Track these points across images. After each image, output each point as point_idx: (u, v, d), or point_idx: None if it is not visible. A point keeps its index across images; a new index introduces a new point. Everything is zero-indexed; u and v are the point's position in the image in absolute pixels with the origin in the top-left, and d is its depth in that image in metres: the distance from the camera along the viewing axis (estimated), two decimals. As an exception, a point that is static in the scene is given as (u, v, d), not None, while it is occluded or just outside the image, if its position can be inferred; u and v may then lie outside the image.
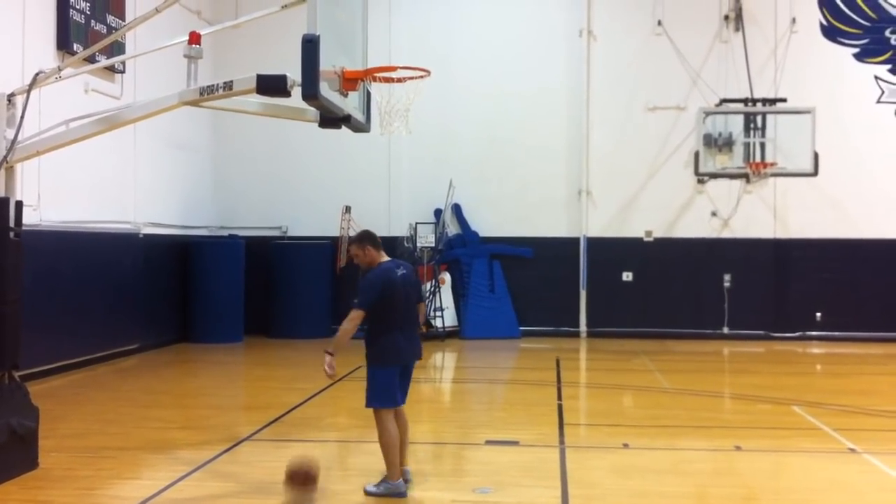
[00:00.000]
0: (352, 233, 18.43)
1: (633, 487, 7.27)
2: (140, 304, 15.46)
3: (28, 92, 7.54)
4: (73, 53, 12.60)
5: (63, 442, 8.56)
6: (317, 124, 7.77)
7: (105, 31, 13.79)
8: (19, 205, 7.58)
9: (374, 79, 7.39)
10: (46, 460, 7.72)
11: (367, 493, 6.87)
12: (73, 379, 12.73)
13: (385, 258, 7.20)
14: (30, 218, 10.42)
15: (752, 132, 17.11)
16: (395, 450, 6.90)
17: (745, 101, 17.28)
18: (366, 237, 7.19)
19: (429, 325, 17.73)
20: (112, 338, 14.59)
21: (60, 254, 12.91)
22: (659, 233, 18.83)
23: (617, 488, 7.23)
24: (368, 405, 6.95)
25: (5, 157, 7.42)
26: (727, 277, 18.51)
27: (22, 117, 7.54)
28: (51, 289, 12.52)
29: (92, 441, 8.80)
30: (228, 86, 7.05)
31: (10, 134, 7.47)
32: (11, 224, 7.45)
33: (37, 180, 12.01)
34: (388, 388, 6.92)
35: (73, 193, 13.44)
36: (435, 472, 7.47)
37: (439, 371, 14.78)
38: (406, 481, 6.99)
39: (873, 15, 18.53)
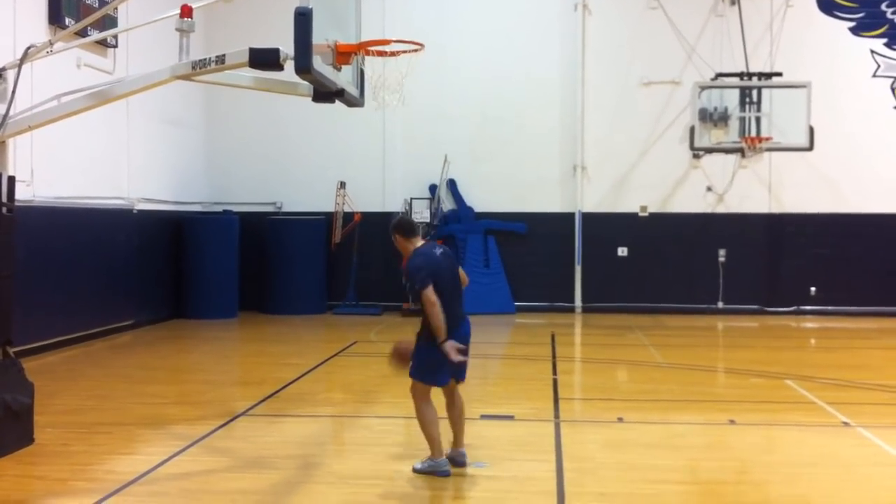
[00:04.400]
0: (346, 208, 18.43)
1: (627, 461, 7.30)
2: (134, 280, 15.45)
3: (19, 66, 7.51)
4: (65, 27, 12.51)
5: (58, 418, 8.58)
6: (310, 99, 7.73)
7: (97, 4, 13.68)
8: (12, 180, 7.55)
9: (368, 52, 7.35)
10: (41, 436, 7.73)
11: (414, 471, 6.86)
12: (68, 355, 12.73)
13: (419, 243, 7.04)
14: (23, 194, 10.40)
15: (747, 107, 17.05)
16: (432, 427, 6.85)
17: (740, 75, 17.22)
18: (394, 226, 7.09)
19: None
20: (106, 314, 14.59)
21: (54, 230, 12.87)
22: (654, 208, 18.83)
23: (611, 462, 7.26)
24: (410, 375, 6.90)
25: (-3, 132, 7.39)
26: (722, 252, 18.54)
27: (13, 92, 7.50)
28: (44, 265, 12.49)
29: (87, 417, 8.81)
30: (221, 59, 7.00)
31: (2, 109, 7.45)
32: (4, 199, 7.42)
33: (30, 156, 11.95)
34: (431, 366, 6.81)
35: (66, 169, 13.39)
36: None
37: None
38: (461, 464, 6.95)
39: (869, -12, 18.46)
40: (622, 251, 18.85)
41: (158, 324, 16.28)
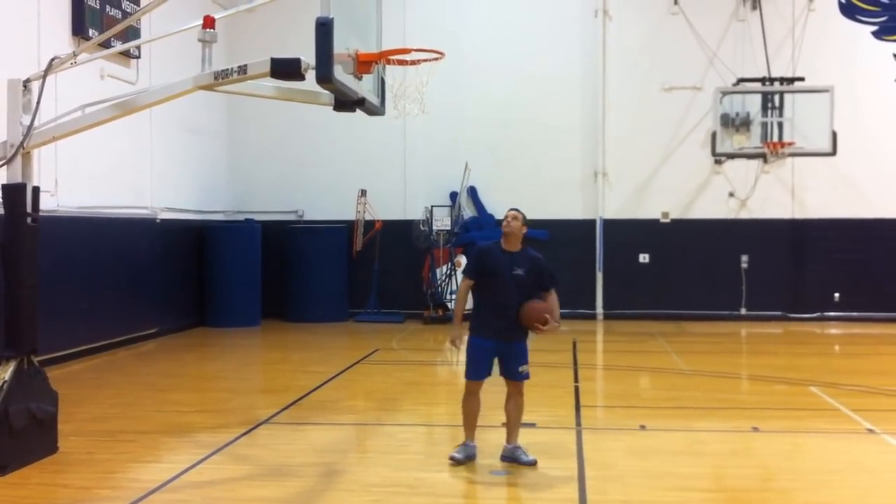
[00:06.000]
0: (367, 216, 18.48)
1: (650, 468, 7.27)
2: (158, 289, 15.54)
3: (44, 78, 7.56)
4: (89, 39, 12.61)
5: (82, 426, 8.63)
6: (331, 108, 7.77)
7: (120, 16, 13.80)
8: (36, 190, 7.62)
9: (389, 61, 7.37)
10: (66, 444, 7.78)
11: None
12: (92, 363, 12.82)
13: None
14: (47, 204, 10.48)
15: (769, 112, 17.00)
16: (463, 416, 7.41)
17: (762, 80, 17.15)
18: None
19: (445, 307, 17.76)
20: (130, 322, 14.67)
21: (78, 239, 12.97)
22: (676, 214, 18.76)
23: (633, 469, 7.23)
24: None
25: (22, 142, 7.45)
26: (744, 258, 18.45)
27: (38, 103, 7.56)
28: (69, 274, 12.58)
29: (111, 425, 8.86)
30: (243, 70, 7.05)
31: (27, 120, 7.50)
32: (29, 210, 7.48)
33: (54, 166, 12.06)
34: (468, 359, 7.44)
35: (89, 179, 13.50)
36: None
37: (455, 353, 14.75)
38: (509, 459, 7.30)
39: (892, -8, 18.35)
40: (644, 257, 18.79)
41: (182, 332, 16.36)
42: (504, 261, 7.34)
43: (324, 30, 6.48)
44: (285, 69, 6.87)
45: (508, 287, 7.22)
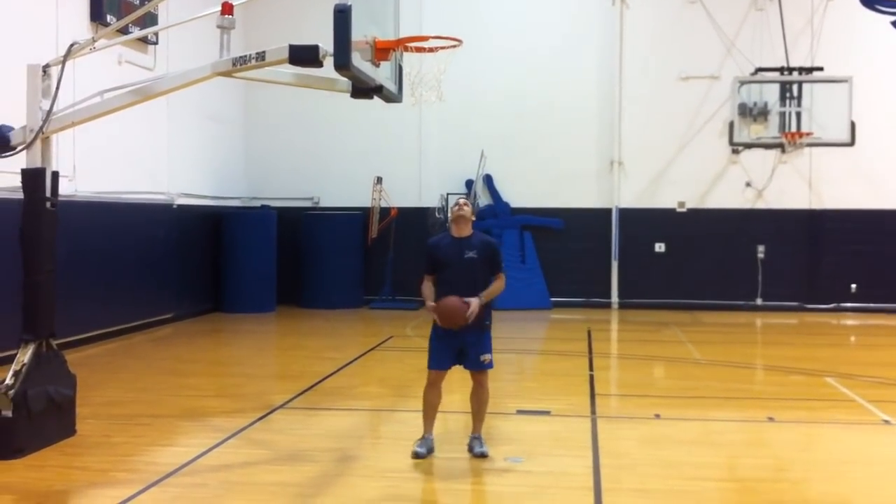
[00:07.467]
0: (383, 203, 18.49)
1: (665, 458, 7.27)
2: (174, 275, 15.61)
3: (63, 63, 7.59)
4: (107, 25, 12.65)
5: (99, 409, 8.70)
6: (349, 95, 7.77)
7: (138, 2, 13.82)
8: (55, 175, 7.66)
9: (407, 48, 7.38)
10: (83, 427, 7.84)
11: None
12: (109, 348, 12.90)
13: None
14: (65, 189, 10.50)
15: (787, 101, 16.91)
16: (424, 410, 7.42)
17: (780, 69, 17.04)
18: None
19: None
20: (147, 307, 14.75)
21: (95, 224, 13.03)
22: (692, 203, 18.70)
23: (648, 458, 7.23)
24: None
25: (41, 127, 7.49)
26: (761, 248, 18.37)
27: (57, 88, 7.60)
28: (86, 259, 12.65)
29: (127, 409, 8.92)
30: (261, 56, 7.05)
31: (46, 105, 7.54)
32: (48, 194, 7.53)
33: (72, 151, 12.12)
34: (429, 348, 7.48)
35: (107, 164, 13.56)
36: (467, 442, 7.48)
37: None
38: (469, 449, 7.25)
39: (913, -19, 18.18)
40: (659, 247, 18.75)
41: (197, 317, 16.44)
42: (454, 248, 7.29)
43: (342, 17, 6.48)
44: (303, 56, 6.87)
45: (462, 274, 7.17)
